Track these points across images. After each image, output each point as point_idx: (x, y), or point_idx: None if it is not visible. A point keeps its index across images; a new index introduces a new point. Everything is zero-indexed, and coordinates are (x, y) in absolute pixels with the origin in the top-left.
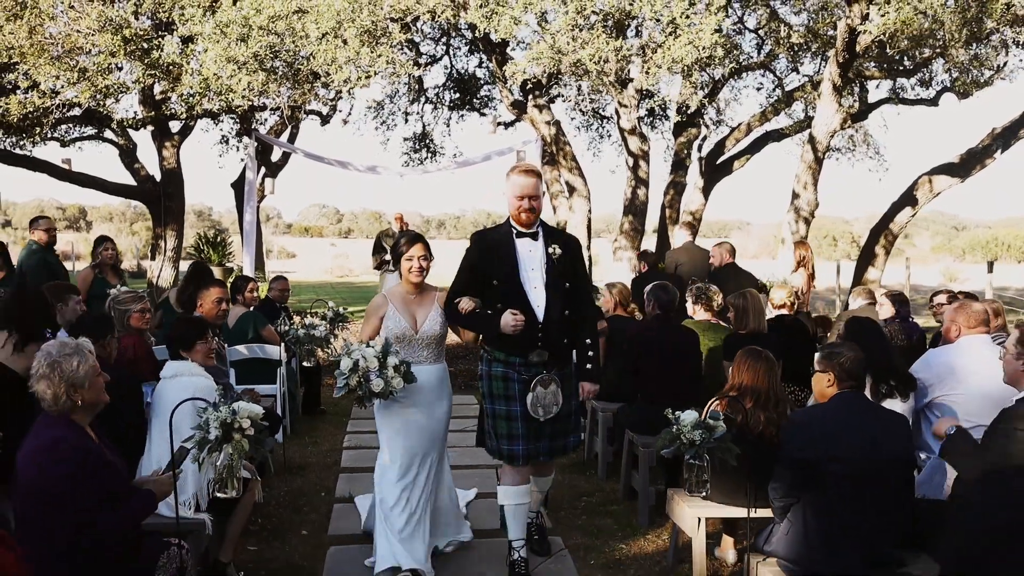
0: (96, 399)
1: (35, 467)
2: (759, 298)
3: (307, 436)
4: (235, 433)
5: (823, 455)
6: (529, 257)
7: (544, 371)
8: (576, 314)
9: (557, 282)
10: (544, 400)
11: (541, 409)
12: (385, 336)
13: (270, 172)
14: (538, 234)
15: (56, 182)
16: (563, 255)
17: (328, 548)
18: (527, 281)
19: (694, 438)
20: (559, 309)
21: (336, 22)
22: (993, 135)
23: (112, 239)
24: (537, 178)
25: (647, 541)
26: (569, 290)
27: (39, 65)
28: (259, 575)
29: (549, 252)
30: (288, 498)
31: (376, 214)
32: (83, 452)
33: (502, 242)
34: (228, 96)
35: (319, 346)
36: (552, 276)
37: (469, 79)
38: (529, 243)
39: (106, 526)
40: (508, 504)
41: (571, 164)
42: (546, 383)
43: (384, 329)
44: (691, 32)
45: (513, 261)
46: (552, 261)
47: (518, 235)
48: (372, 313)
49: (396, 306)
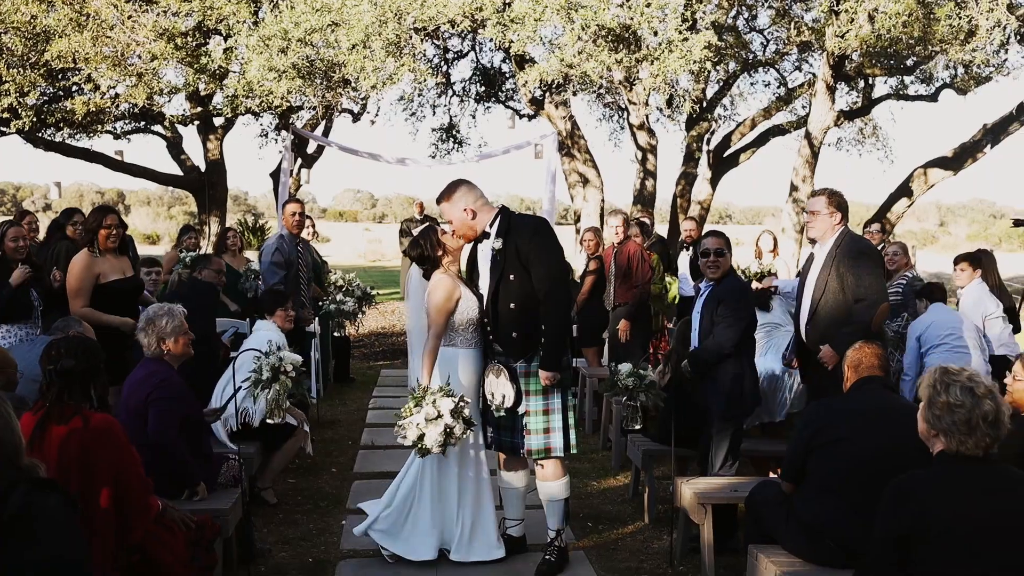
0: (182, 351)
1: (128, 387)
2: None
3: (337, 399)
4: (281, 375)
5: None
6: (482, 256)
7: (497, 361)
8: (528, 305)
9: (498, 276)
10: (495, 387)
11: (490, 396)
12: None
13: (306, 163)
14: (489, 233)
15: (98, 170)
16: (504, 248)
17: (352, 482)
18: (482, 282)
19: (628, 384)
20: (504, 304)
21: (365, 35)
22: (984, 130)
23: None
24: (440, 203)
25: (616, 480)
26: (513, 282)
27: (102, 70)
28: (296, 499)
29: (492, 248)
30: (320, 445)
31: (409, 199)
32: (167, 380)
33: (474, 245)
34: (268, 98)
35: (348, 320)
36: (495, 272)
37: (494, 73)
38: (485, 243)
39: (177, 443)
40: (499, 485)
41: (585, 156)
42: (496, 372)
43: (459, 312)
44: (683, 48)
45: (475, 264)
46: (495, 257)
47: (479, 238)
48: (447, 298)
49: (464, 289)
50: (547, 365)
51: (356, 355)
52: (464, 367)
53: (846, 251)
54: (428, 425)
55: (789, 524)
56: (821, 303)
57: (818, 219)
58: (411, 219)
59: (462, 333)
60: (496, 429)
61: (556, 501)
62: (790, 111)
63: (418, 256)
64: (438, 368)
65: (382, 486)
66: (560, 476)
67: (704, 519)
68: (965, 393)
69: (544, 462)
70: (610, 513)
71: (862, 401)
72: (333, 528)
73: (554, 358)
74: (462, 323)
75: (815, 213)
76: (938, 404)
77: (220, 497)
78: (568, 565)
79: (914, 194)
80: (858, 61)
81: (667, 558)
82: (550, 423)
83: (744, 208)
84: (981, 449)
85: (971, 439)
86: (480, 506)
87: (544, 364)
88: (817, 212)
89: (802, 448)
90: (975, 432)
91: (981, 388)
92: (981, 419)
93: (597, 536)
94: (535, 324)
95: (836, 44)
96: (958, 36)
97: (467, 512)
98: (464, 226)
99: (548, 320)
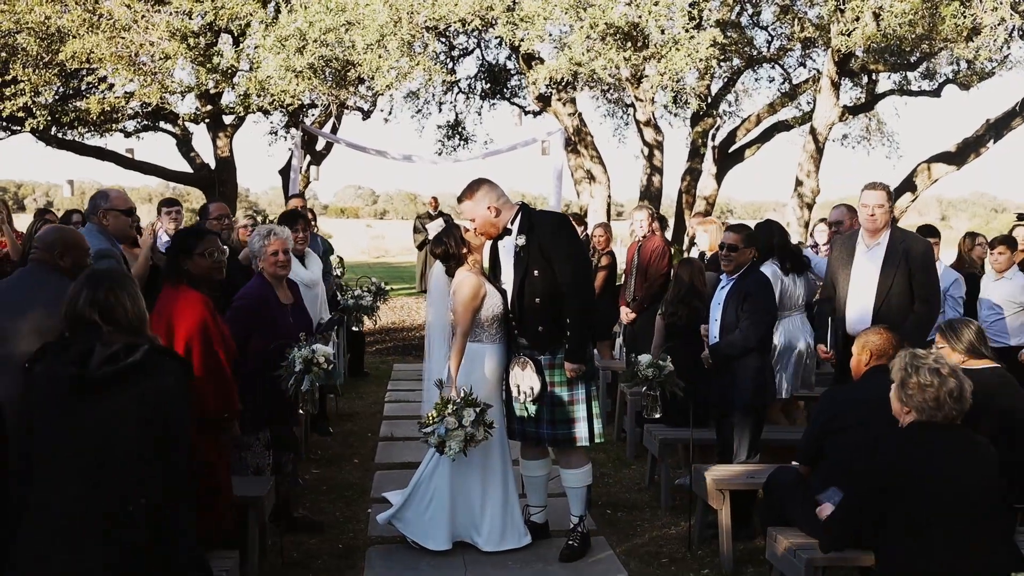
0: (271, 270)
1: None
2: None
3: (354, 392)
4: (314, 367)
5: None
6: (504, 254)
7: (522, 354)
8: (553, 299)
9: (523, 272)
10: (520, 380)
11: (516, 389)
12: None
13: (314, 160)
14: (511, 230)
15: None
16: (527, 244)
17: (375, 472)
18: (504, 278)
19: (647, 374)
20: (530, 299)
21: (380, 35)
22: (987, 125)
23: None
24: (461, 202)
25: (631, 469)
26: (538, 278)
27: (117, 69)
28: (321, 488)
29: (516, 244)
30: (341, 437)
31: (411, 196)
32: (248, 291)
33: (494, 242)
34: (281, 96)
35: (366, 314)
36: (519, 268)
37: (500, 71)
38: (506, 240)
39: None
40: (522, 473)
41: (592, 153)
42: (522, 364)
43: (485, 309)
44: (690, 46)
45: (496, 261)
46: (516, 254)
47: (500, 235)
48: (473, 295)
49: (489, 286)
50: (573, 357)
51: (368, 350)
52: (489, 362)
53: (913, 250)
54: (449, 435)
55: (805, 506)
56: (887, 301)
57: (883, 212)
58: (425, 215)
59: (487, 329)
60: (520, 420)
61: (579, 488)
62: (795, 107)
63: (442, 253)
64: (464, 364)
65: (404, 475)
66: (583, 464)
67: (722, 505)
68: (932, 374)
69: (568, 451)
70: (627, 501)
71: (868, 390)
72: (360, 516)
73: (579, 350)
74: (487, 319)
75: (880, 206)
76: (909, 385)
77: (254, 483)
78: (590, 550)
79: (918, 189)
80: (862, 58)
81: (685, 543)
82: (575, 413)
83: (745, 204)
84: (948, 421)
85: (940, 413)
86: (507, 496)
87: (569, 356)
88: (882, 205)
89: (817, 433)
90: (943, 408)
91: (946, 368)
92: (947, 395)
93: (616, 523)
94: (560, 317)
95: (842, 42)
96: (962, 33)
97: (496, 503)
98: (487, 224)
99: (572, 313)
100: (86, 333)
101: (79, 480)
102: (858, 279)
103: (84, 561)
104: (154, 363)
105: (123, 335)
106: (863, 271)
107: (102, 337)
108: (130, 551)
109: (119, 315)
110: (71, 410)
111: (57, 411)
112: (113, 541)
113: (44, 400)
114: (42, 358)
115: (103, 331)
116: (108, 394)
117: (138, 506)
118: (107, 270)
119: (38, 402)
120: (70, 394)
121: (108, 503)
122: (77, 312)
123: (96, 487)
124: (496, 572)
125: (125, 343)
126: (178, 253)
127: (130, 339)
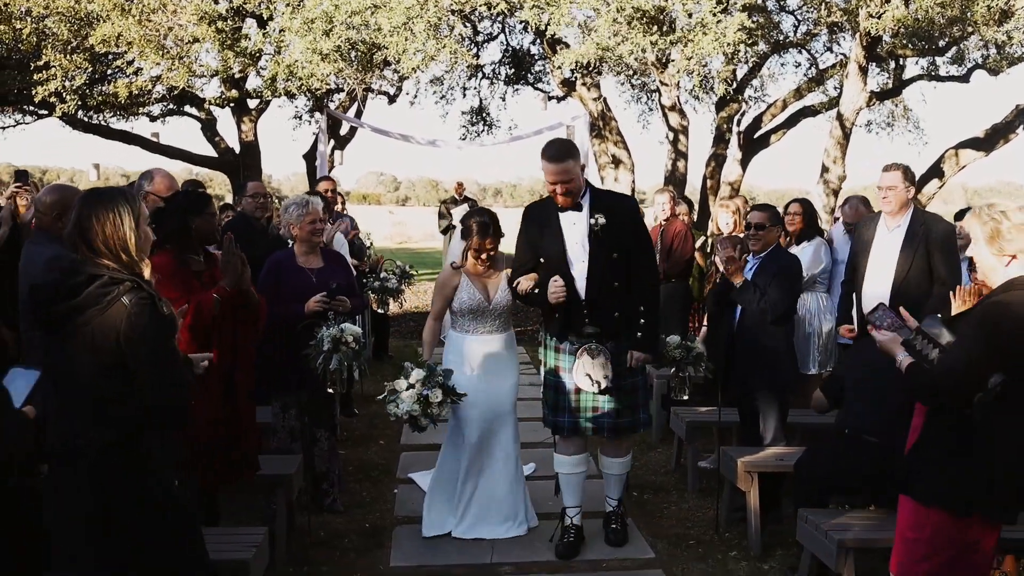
0: (306, 237)
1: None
2: None
3: (378, 375)
4: (342, 346)
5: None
6: (573, 231)
7: (593, 341)
8: (629, 284)
9: (601, 254)
10: (591, 369)
11: (588, 378)
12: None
13: (339, 145)
14: (582, 206)
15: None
16: (608, 224)
17: (400, 453)
18: (572, 257)
19: (675, 355)
20: (607, 282)
21: (406, 17)
22: (1017, 111)
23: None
24: (563, 162)
25: (657, 453)
26: (618, 260)
27: (144, 53)
28: (347, 469)
29: (591, 224)
30: (366, 419)
31: (433, 182)
32: (278, 256)
33: (548, 218)
34: (310, 80)
35: (392, 296)
36: (595, 249)
37: (524, 56)
38: (573, 216)
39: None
40: (561, 472)
41: (616, 138)
42: (594, 353)
43: (457, 300)
44: (717, 30)
45: (558, 238)
46: (595, 233)
47: (562, 209)
48: (444, 285)
49: (469, 278)
50: (646, 347)
51: (392, 334)
52: (465, 350)
53: (934, 231)
54: (403, 394)
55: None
56: (905, 281)
57: (895, 193)
58: (450, 200)
59: (459, 319)
60: (570, 412)
61: (623, 475)
62: (821, 92)
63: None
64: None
65: (429, 457)
66: (630, 451)
67: (751, 487)
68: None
69: (620, 439)
70: (654, 484)
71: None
72: (386, 496)
73: (654, 339)
74: (458, 311)
75: (892, 188)
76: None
77: (282, 462)
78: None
79: (945, 175)
80: (890, 43)
81: (713, 525)
82: (636, 400)
83: (769, 191)
84: None
85: None
86: (521, 482)
87: (642, 345)
88: (894, 187)
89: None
90: None
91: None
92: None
93: (643, 504)
94: (633, 304)
95: (871, 24)
96: (994, 16)
97: (519, 492)
98: (577, 188)
99: (649, 301)
100: (76, 259)
101: (55, 419)
102: (877, 258)
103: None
104: (107, 294)
105: (96, 261)
106: (883, 251)
107: (82, 265)
108: (89, 486)
109: (92, 238)
110: (46, 348)
111: (43, 348)
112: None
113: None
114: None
115: (82, 257)
116: (65, 331)
117: (89, 440)
118: (104, 189)
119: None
120: (44, 333)
121: (66, 438)
122: (68, 236)
123: (59, 420)
124: (522, 552)
125: (89, 274)
126: (188, 211)
127: (96, 268)
